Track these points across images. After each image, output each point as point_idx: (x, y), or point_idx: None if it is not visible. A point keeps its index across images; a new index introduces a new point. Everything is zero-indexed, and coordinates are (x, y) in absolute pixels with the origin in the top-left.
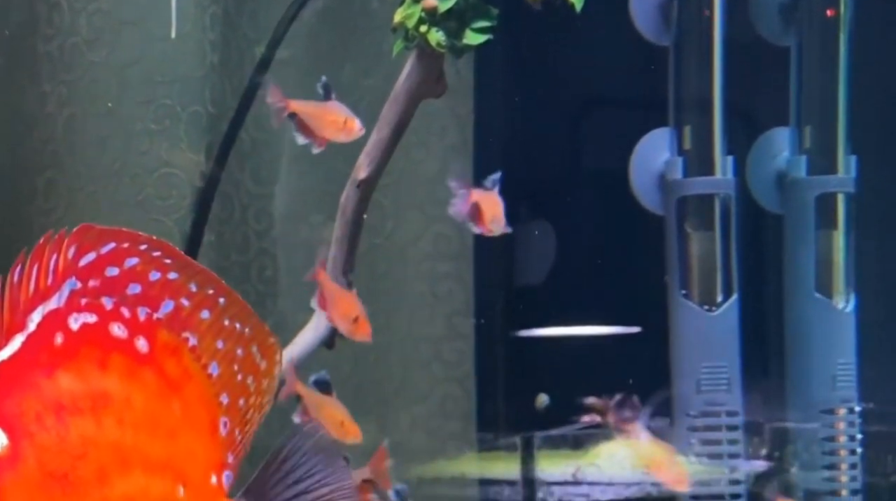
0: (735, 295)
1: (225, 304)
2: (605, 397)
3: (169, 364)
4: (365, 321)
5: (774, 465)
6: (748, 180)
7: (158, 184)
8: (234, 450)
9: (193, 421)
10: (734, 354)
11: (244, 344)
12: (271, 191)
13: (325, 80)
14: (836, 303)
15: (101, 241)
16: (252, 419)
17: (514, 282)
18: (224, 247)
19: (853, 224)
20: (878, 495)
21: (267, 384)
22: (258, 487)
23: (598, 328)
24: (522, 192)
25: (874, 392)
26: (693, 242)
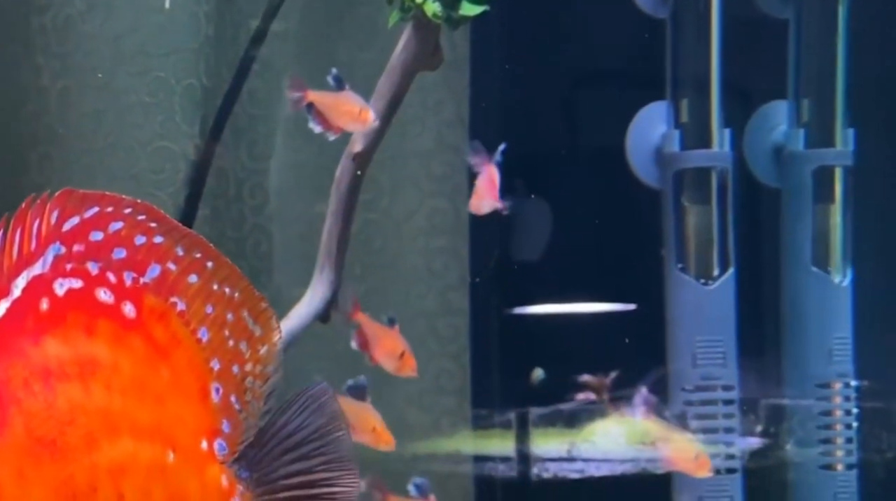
0: (731, 269)
1: (213, 268)
2: (600, 375)
3: (156, 329)
4: (410, 356)
5: (771, 441)
6: (745, 154)
7: (152, 158)
8: (230, 417)
9: (182, 387)
10: (730, 328)
11: (234, 309)
12: (266, 167)
13: (336, 71)
14: (832, 277)
15: (84, 205)
16: (253, 387)
17: (509, 257)
18: (219, 223)
19: (850, 197)
20: (873, 470)
21: (266, 351)
22: (254, 453)
23: (593, 303)
24: (519, 167)
25: (869, 367)
26: (690, 216)
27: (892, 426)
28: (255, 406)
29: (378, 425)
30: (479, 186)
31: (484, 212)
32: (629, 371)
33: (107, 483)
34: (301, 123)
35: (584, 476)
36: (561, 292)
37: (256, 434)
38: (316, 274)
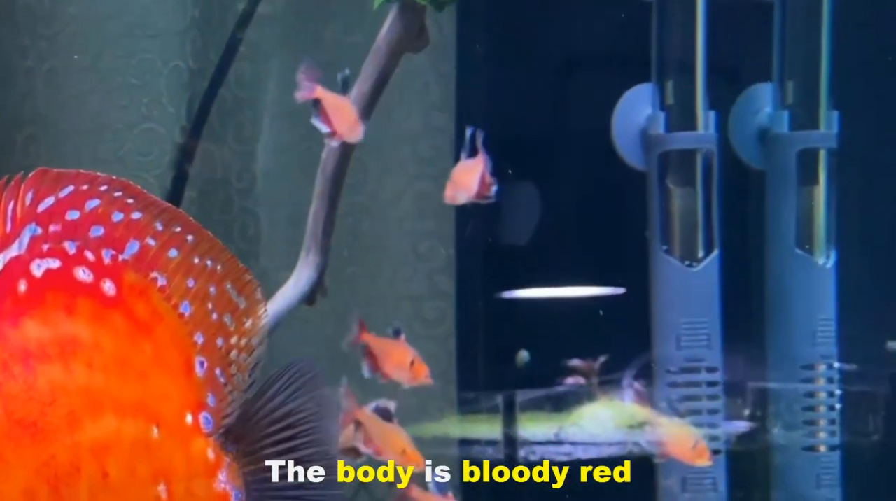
0: (716, 251)
1: (194, 242)
2: (589, 359)
3: (137, 305)
4: (421, 363)
5: (755, 422)
6: (730, 136)
7: (139, 140)
8: (215, 391)
9: (165, 362)
10: (714, 310)
11: (217, 282)
12: (254, 150)
13: (348, 72)
14: (816, 259)
15: (59, 185)
16: (238, 360)
17: (495, 240)
18: (206, 206)
19: (834, 180)
20: (856, 451)
21: (250, 323)
22: (241, 426)
23: (579, 287)
24: (504, 149)
25: (852, 348)
26: (674, 198)
27: (875, 407)
28: (241, 378)
29: (407, 447)
30: (455, 176)
31: (459, 202)
32: (616, 353)
33: (90, 461)
34: (287, 106)
35: (571, 459)
36: (547, 275)
37: (243, 406)
38: (302, 257)
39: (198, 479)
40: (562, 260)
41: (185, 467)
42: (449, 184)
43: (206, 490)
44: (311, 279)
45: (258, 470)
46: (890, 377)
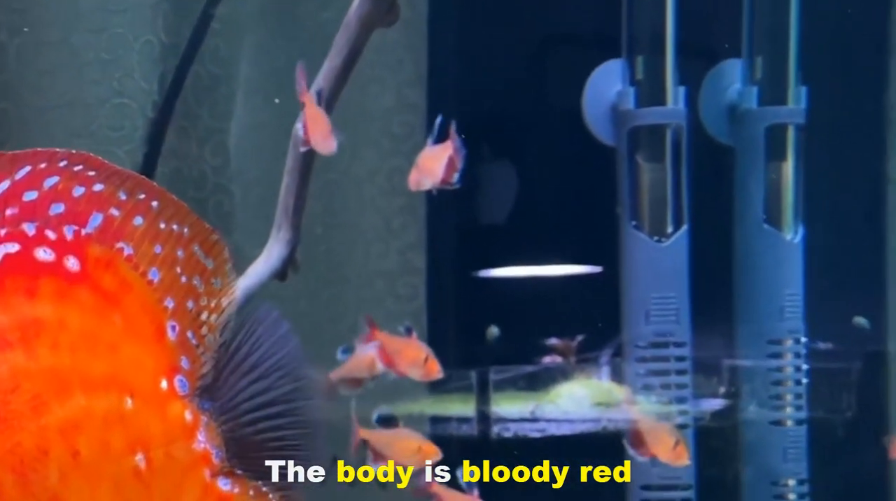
0: (685, 226)
1: (159, 208)
2: (566, 338)
3: (104, 278)
4: (434, 359)
5: (723, 397)
6: (700, 112)
7: (111, 115)
8: (188, 354)
9: (137, 330)
10: (683, 285)
11: (184, 245)
12: (228, 126)
13: (322, 86)
14: (784, 234)
15: (14, 167)
16: (209, 321)
17: (466, 216)
18: (180, 183)
19: (803, 155)
20: (822, 425)
21: (220, 284)
22: (214, 383)
23: (552, 264)
24: (476, 125)
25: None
26: (644, 173)
27: (841, 382)
28: (212, 339)
29: (422, 444)
30: (421, 162)
31: (424, 188)
32: (588, 331)
33: (58, 443)
34: (262, 83)
35: (544, 435)
36: (519, 251)
37: (214, 365)
38: (273, 233)
39: (177, 443)
40: (534, 236)
41: (163, 432)
42: (414, 169)
43: (186, 453)
44: (282, 255)
45: (236, 427)
46: (856, 352)
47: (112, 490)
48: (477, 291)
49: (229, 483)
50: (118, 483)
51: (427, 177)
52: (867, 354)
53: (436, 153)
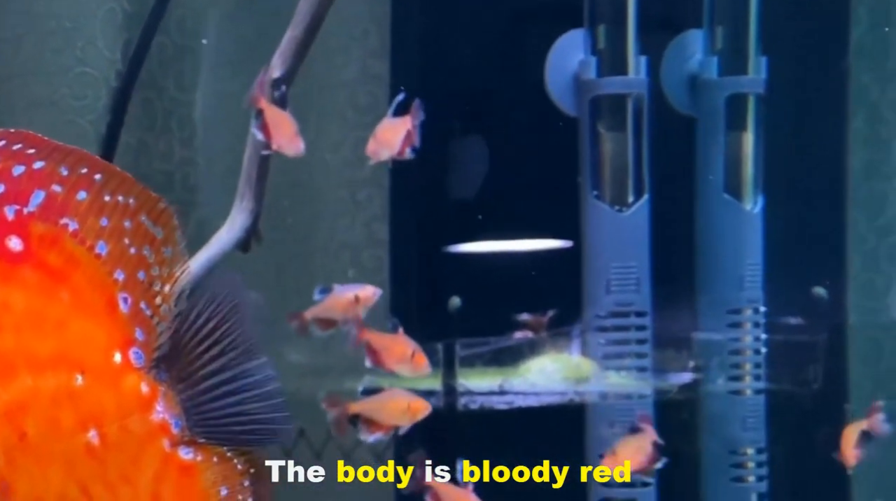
0: (646, 196)
1: (102, 180)
2: (538, 313)
3: (49, 255)
4: (421, 354)
5: (682, 366)
6: (662, 82)
7: (73, 84)
8: (142, 325)
9: (86, 306)
10: (644, 254)
11: (131, 216)
12: (195, 99)
13: (284, 89)
14: (744, 205)
15: None
16: (162, 290)
17: (429, 188)
18: (147, 155)
19: (763, 125)
20: (781, 395)
21: (170, 252)
22: (171, 353)
23: (516, 236)
24: (440, 97)
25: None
26: (605, 142)
27: (800, 352)
28: (166, 308)
29: (412, 401)
30: (379, 133)
31: (381, 159)
32: (552, 303)
33: (3, 426)
34: (229, 54)
35: (512, 407)
36: (483, 223)
37: (171, 334)
38: (236, 203)
39: (133, 416)
40: (499, 208)
41: (118, 406)
42: (372, 139)
43: (143, 425)
44: (245, 225)
45: (195, 395)
46: (815, 321)
47: (64, 469)
48: (440, 263)
49: (191, 451)
50: (70, 462)
51: (384, 149)
52: (826, 324)
53: (394, 126)
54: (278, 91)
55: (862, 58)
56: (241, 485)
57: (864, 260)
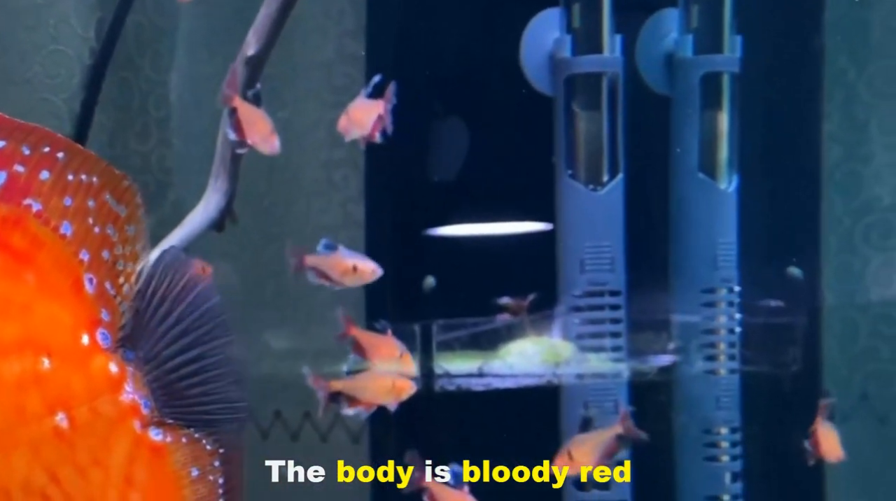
0: (620, 175)
1: (66, 159)
2: (518, 297)
3: (13, 237)
4: (408, 354)
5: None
6: (637, 61)
7: (46, 62)
8: (108, 305)
9: (52, 287)
10: (618, 234)
11: (95, 195)
12: (172, 79)
13: (259, 87)
14: (719, 184)
15: None
16: (125, 269)
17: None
18: (123, 135)
19: (737, 104)
20: (755, 375)
21: (133, 230)
22: (136, 332)
23: (492, 216)
24: (415, 77)
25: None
26: (580, 121)
27: (774, 332)
28: (129, 288)
29: (396, 381)
30: (352, 111)
31: (350, 136)
32: (526, 284)
33: None
34: (205, 35)
35: (489, 389)
36: (458, 203)
37: (134, 313)
38: (211, 183)
39: (102, 397)
40: (474, 188)
41: (86, 388)
42: (344, 116)
43: (112, 406)
44: (219, 205)
45: (161, 375)
46: (790, 302)
47: (30, 454)
48: (416, 244)
49: (161, 432)
50: (37, 447)
51: (355, 127)
52: (801, 304)
53: (367, 107)
54: (252, 90)
55: (839, 38)
56: (211, 466)
57: (841, 241)
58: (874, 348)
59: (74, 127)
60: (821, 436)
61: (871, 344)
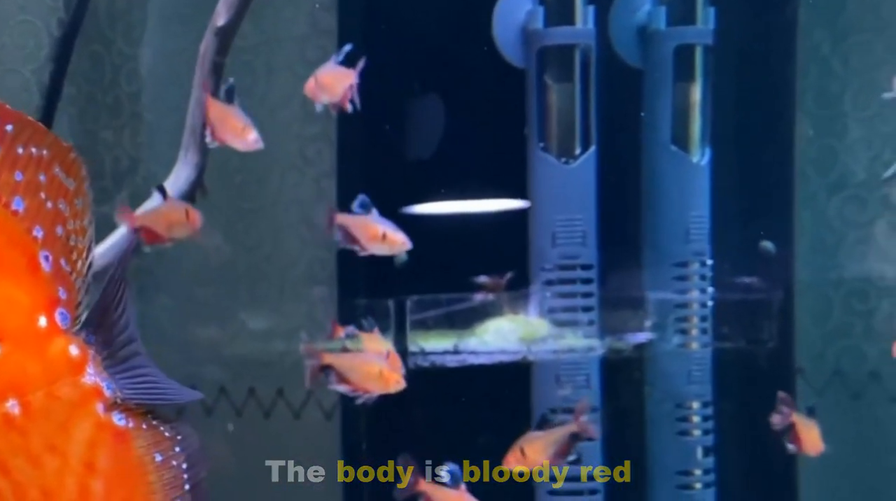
0: (593, 148)
1: (14, 132)
2: (495, 275)
3: None
4: (394, 355)
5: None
6: (611, 34)
7: (14, 33)
8: (64, 283)
9: (7, 267)
10: (590, 206)
11: (45, 168)
12: (144, 53)
13: (232, 81)
14: (691, 156)
15: None
16: (77, 246)
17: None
18: (95, 109)
19: (710, 76)
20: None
21: (81, 203)
22: (97, 315)
23: (465, 191)
24: (388, 50)
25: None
26: (552, 94)
27: (746, 306)
28: (82, 264)
29: (384, 370)
30: (321, 77)
31: (319, 101)
32: (497, 260)
33: None
34: (178, 8)
35: (463, 365)
36: (430, 178)
37: (101, 299)
38: (181, 156)
39: (61, 380)
40: (447, 163)
41: (44, 372)
42: (312, 79)
43: (73, 389)
44: (189, 178)
45: (119, 359)
46: (762, 275)
47: None
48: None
49: (124, 417)
50: None
51: (324, 93)
52: (774, 278)
53: (338, 74)
54: (226, 84)
55: (813, 12)
56: (173, 451)
57: (815, 216)
58: (848, 324)
59: (43, 98)
60: (801, 431)
61: (844, 320)
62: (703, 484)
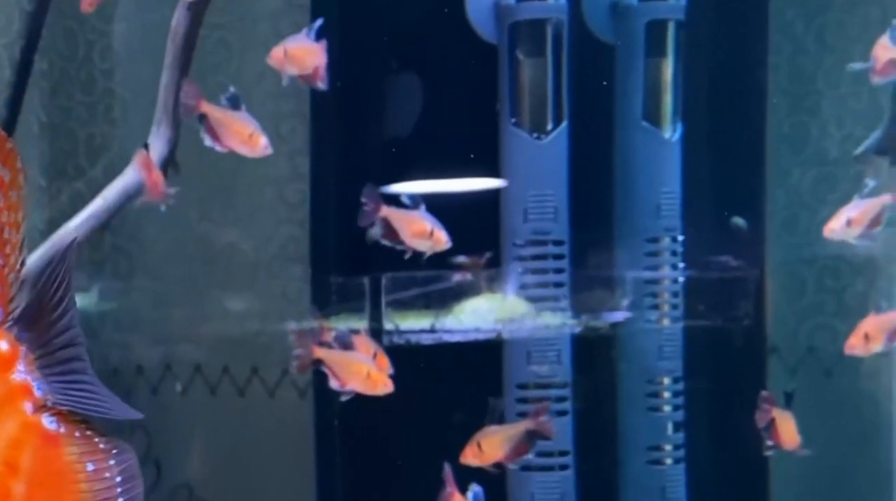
0: (565, 123)
1: None
2: (474, 255)
3: None
4: (382, 355)
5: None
6: (583, 8)
7: None
8: None
9: None
10: (562, 182)
11: None
12: (118, 29)
13: (234, 91)
14: (662, 132)
15: None
16: (11, 239)
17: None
18: (68, 86)
19: (682, 52)
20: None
21: (16, 196)
22: (32, 312)
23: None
24: (360, 25)
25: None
26: (524, 69)
27: (717, 283)
28: (15, 258)
29: (372, 371)
30: (291, 48)
31: (285, 72)
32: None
33: None
34: None
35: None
36: (403, 155)
37: (37, 295)
38: (153, 131)
39: None
40: (419, 139)
41: None
42: (280, 48)
43: (1, 385)
44: (162, 154)
45: (55, 362)
46: (734, 252)
47: None
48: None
49: (55, 421)
50: None
51: (292, 65)
52: (746, 254)
53: (309, 49)
54: (227, 94)
55: None
56: (107, 463)
57: (788, 193)
58: (821, 302)
59: (14, 74)
60: (778, 425)
61: (817, 297)
62: (674, 460)
